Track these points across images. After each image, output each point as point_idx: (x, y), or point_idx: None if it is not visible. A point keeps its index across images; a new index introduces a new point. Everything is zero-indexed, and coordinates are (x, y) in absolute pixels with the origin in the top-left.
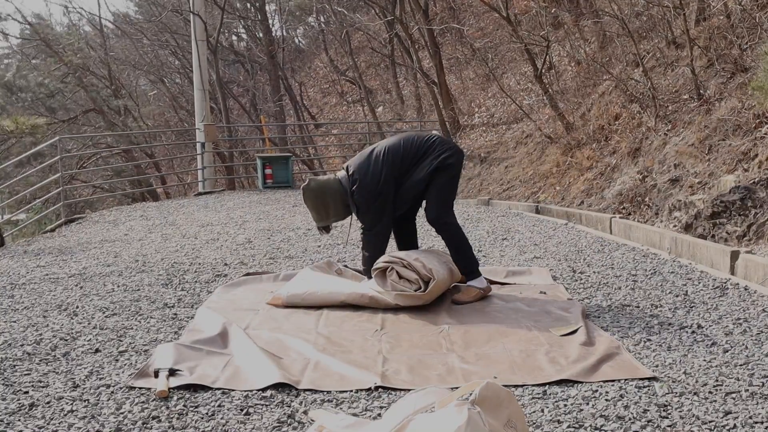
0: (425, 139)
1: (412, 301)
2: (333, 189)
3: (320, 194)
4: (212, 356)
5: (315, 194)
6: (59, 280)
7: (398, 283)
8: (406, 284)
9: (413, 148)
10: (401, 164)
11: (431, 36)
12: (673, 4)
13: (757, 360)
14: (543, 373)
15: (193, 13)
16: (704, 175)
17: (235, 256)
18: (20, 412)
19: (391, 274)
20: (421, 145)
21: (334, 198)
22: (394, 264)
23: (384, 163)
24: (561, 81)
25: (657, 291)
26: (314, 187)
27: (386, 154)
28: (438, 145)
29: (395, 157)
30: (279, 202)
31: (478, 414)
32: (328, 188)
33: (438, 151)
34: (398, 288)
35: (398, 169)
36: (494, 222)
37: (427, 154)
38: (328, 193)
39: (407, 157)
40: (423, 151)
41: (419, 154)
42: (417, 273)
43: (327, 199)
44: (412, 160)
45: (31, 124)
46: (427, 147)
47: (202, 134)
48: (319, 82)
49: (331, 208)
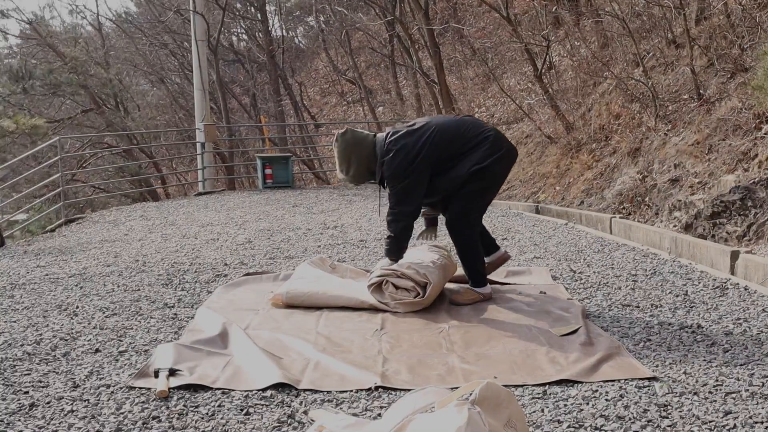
0: (480, 131)
1: (412, 308)
2: (363, 149)
3: (349, 149)
4: (212, 356)
5: (345, 146)
6: (59, 280)
7: (396, 293)
8: (403, 293)
9: (463, 138)
10: (445, 150)
11: (431, 36)
12: (673, 4)
13: (757, 360)
14: (543, 373)
15: (194, 12)
16: (704, 175)
17: (235, 256)
18: (20, 412)
19: (387, 287)
20: (474, 137)
21: (359, 159)
22: (388, 276)
23: (426, 142)
24: (561, 81)
25: (657, 291)
26: (348, 139)
27: (433, 135)
28: (491, 143)
29: (441, 141)
30: (279, 202)
31: (478, 414)
32: (360, 146)
33: (487, 152)
34: (397, 298)
35: (439, 155)
36: (494, 222)
37: (475, 150)
38: (356, 151)
39: (454, 145)
40: (473, 144)
41: (468, 146)
42: (412, 280)
43: (352, 156)
44: (459, 149)
45: (32, 125)
46: (479, 142)
47: (202, 134)
48: (319, 82)
49: (353, 167)
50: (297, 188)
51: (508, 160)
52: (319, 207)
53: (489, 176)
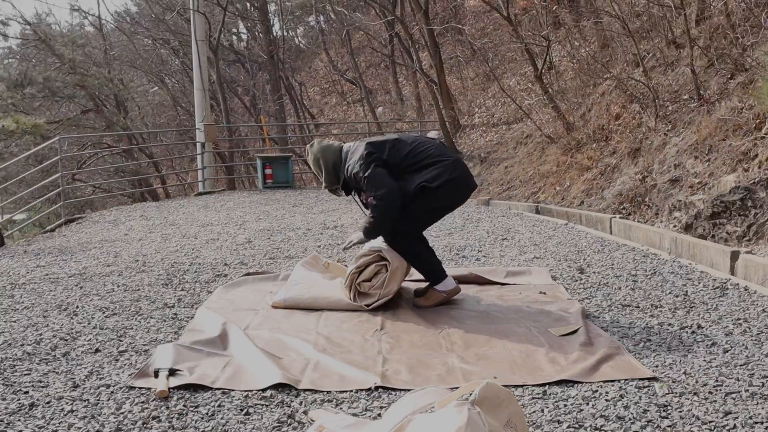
0: (441, 153)
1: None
2: (329, 154)
3: (317, 156)
4: (212, 356)
5: (314, 155)
6: (59, 280)
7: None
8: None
9: (421, 154)
10: (400, 155)
11: (431, 36)
12: (674, 4)
13: (757, 360)
14: (543, 373)
15: (195, 11)
16: (704, 175)
17: (235, 256)
18: (20, 412)
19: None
20: (431, 156)
21: (327, 162)
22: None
23: (383, 143)
24: (561, 81)
25: (657, 291)
26: (315, 148)
27: (391, 139)
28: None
29: (397, 145)
30: (279, 202)
31: (478, 414)
32: (326, 152)
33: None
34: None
35: (394, 158)
36: (494, 222)
37: (429, 168)
38: (323, 156)
39: (410, 155)
40: (429, 162)
41: (423, 162)
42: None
43: (321, 162)
44: (414, 161)
45: (32, 124)
46: (435, 162)
47: (202, 134)
48: (319, 82)
49: (324, 172)
50: (297, 188)
51: (459, 187)
52: (319, 207)
53: (435, 198)
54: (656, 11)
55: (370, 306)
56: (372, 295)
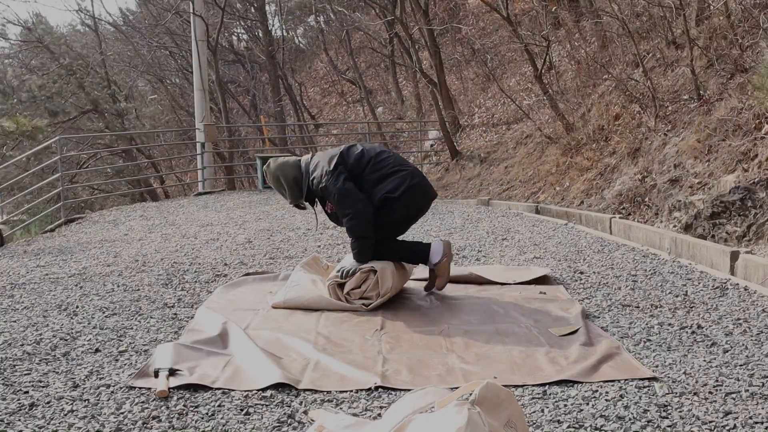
0: (399, 163)
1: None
2: (288, 169)
3: (276, 173)
4: (212, 356)
5: (272, 175)
6: (59, 280)
7: (356, 294)
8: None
9: (377, 162)
10: (356, 162)
11: (431, 36)
12: (674, 5)
13: (757, 360)
14: (543, 373)
15: (194, 14)
16: (704, 176)
17: (235, 256)
18: (20, 412)
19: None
20: (389, 166)
21: (287, 178)
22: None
23: (346, 153)
24: (561, 81)
25: (657, 291)
26: (272, 168)
27: (354, 148)
28: (405, 175)
29: (361, 157)
30: (279, 203)
31: (478, 414)
32: (283, 167)
33: (399, 182)
34: (360, 298)
35: (357, 168)
36: (494, 222)
37: (388, 179)
38: (282, 172)
39: (367, 162)
40: (387, 172)
41: (381, 172)
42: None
43: (281, 178)
44: (372, 169)
45: (32, 125)
46: (394, 172)
47: (202, 134)
48: (319, 82)
49: (286, 188)
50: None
51: (420, 194)
52: (319, 207)
53: (399, 208)
54: (656, 11)
55: (369, 307)
56: (369, 297)
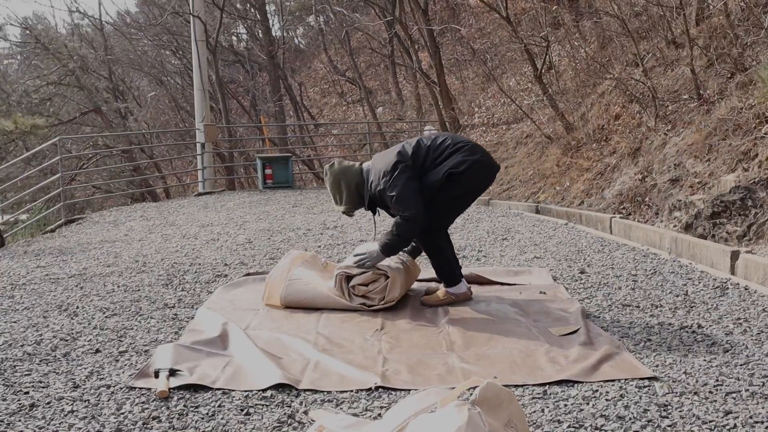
0: (457, 141)
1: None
2: (351, 175)
3: (338, 177)
4: (212, 356)
5: (334, 177)
6: (59, 281)
7: (363, 293)
8: (369, 292)
9: (440, 148)
10: (421, 156)
11: (431, 36)
12: (674, 4)
13: (757, 360)
14: (543, 373)
15: (193, 15)
16: (704, 175)
17: (235, 257)
18: (20, 413)
19: (354, 289)
20: (450, 146)
21: (349, 184)
22: (348, 274)
23: (404, 150)
24: (561, 81)
25: (657, 291)
26: (336, 169)
27: (409, 144)
28: (467, 150)
29: (419, 149)
30: (279, 203)
31: (479, 414)
32: (347, 173)
33: (463, 157)
34: (366, 299)
35: (416, 160)
36: (494, 222)
37: (451, 157)
38: (344, 177)
39: (430, 153)
40: (450, 152)
41: (444, 154)
42: (376, 280)
43: (342, 183)
44: (436, 158)
45: (32, 125)
46: (455, 150)
47: (202, 134)
48: (319, 82)
49: (345, 193)
50: (297, 188)
51: (484, 168)
52: (319, 207)
53: (464, 182)
54: (656, 11)
55: (370, 308)
56: (372, 299)
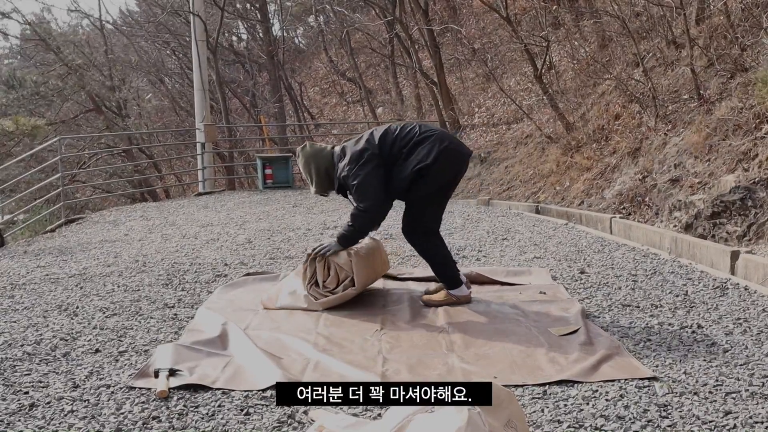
0: (425, 130)
1: (342, 299)
2: (322, 159)
3: (309, 159)
4: (212, 356)
5: (305, 159)
6: (59, 281)
7: (322, 290)
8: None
9: (407, 136)
10: (388, 144)
11: (431, 36)
12: (674, 4)
13: (757, 360)
14: (543, 373)
15: (193, 14)
16: (704, 175)
17: (235, 257)
18: (20, 413)
19: (312, 288)
20: (417, 134)
21: (318, 167)
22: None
23: (368, 139)
24: (561, 81)
25: (657, 291)
26: (307, 151)
27: (377, 130)
28: (434, 140)
29: (383, 136)
30: (279, 202)
31: (478, 414)
32: (318, 156)
33: (430, 148)
34: (323, 293)
35: (384, 149)
36: (494, 222)
37: (418, 148)
38: (315, 160)
39: (397, 141)
40: (417, 141)
41: (411, 143)
42: (337, 273)
43: (312, 166)
44: (402, 146)
45: (32, 125)
46: (422, 139)
47: (202, 134)
48: (319, 82)
49: (315, 176)
50: (297, 188)
51: (454, 155)
52: (319, 207)
53: (435, 174)
54: (656, 11)
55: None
56: (327, 287)
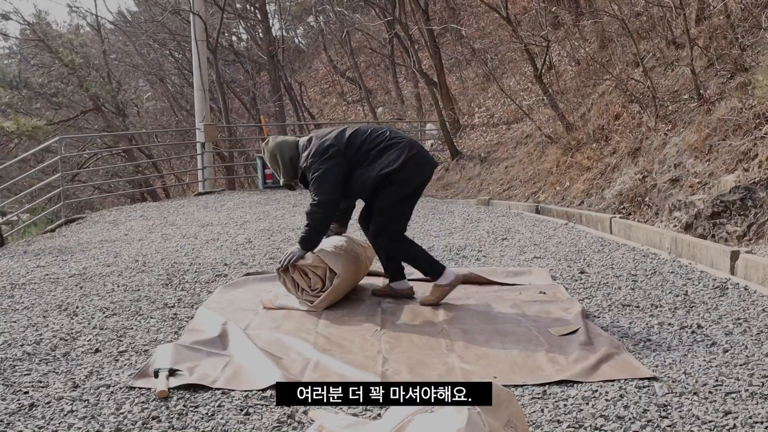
0: (394, 136)
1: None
2: (286, 148)
3: (274, 151)
4: (212, 356)
5: (270, 152)
6: (59, 280)
7: (306, 292)
8: (311, 287)
9: (376, 140)
10: (355, 145)
11: (431, 36)
12: (673, 4)
13: (757, 360)
14: (543, 373)
15: (193, 13)
16: (704, 175)
17: (235, 256)
18: (20, 412)
19: (300, 291)
20: (386, 140)
21: (283, 157)
22: (288, 275)
23: (337, 135)
24: (561, 81)
25: (657, 291)
26: (270, 144)
27: (344, 129)
28: (402, 147)
29: (352, 135)
30: (279, 202)
31: (478, 414)
32: (282, 146)
33: (397, 155)
34: (309, 296)
35: (350, 149)
36: (494, 222)
37: (385, 153)
38: (279, 151)
39: (365, 143)
40: (384, 146)
41: (379, 147)
42: (317, 274)
43: (278, 156)
44: (370, 148)
45: (32, 125)
46: (390, 145)
47: (202, 134)
48: (319, 82)
49: (281, 167)
50: (297, 188)
51: (420, 164)
52: None
53: (398, 181)
54: (656, 11)
55: (314, 304)
56: (315, 289)
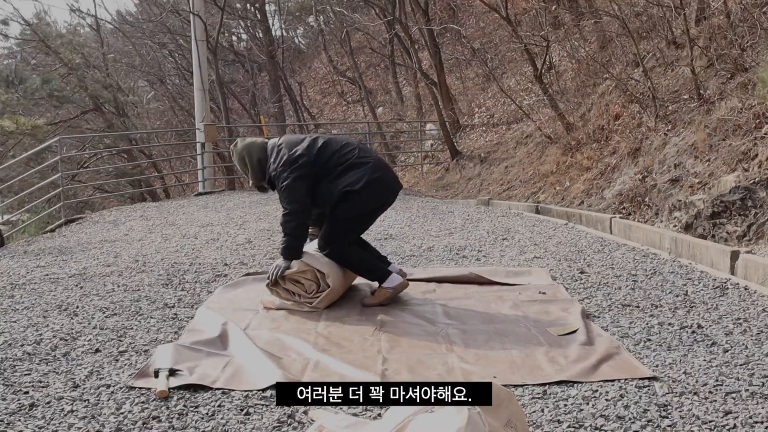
0: (363, 155)
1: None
2: (254, 150)
3: (242, 153)
4: (212, 356)
5: (239, 155)
6: (59, 280)
7: (297, 296)
8: (303, 291)
9: (345, 156)
10: (324, 157)
11: (431, 36)
12: (673, 4)
13: (757, 360)
14: (543, 373)
15: (193, 14)
16: (704, 175)
17: (235, 256)
18: (20, 412)
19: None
20: (354, 157)
21: (251, 159)
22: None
23: (308, 145)
24: (561, 81)
25: (657, 291)
26: (238, 147)
27: (315, 140)
28: (368, 168)
29: (323, 147)
30: (279, 202)
31: (478, 414)
32: (250, 148)
33: (361, 175)
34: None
35: (319, 160)
36: (494, 222)
37: (351, 170)
38: (247, 153)
39: (334, 157)
40: (351, 164)
41: (347, 163)
42: (308, 279)
43: (246, 158)
44: (337, 162)
45: (32, 125)
46: (357, 164)
47: (202, 134)
48: (319, 82)
49: (250, 169)
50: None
51: (383, 187)
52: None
53: (360, 201)
54: (656, 11)
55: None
56: (310, 292)
